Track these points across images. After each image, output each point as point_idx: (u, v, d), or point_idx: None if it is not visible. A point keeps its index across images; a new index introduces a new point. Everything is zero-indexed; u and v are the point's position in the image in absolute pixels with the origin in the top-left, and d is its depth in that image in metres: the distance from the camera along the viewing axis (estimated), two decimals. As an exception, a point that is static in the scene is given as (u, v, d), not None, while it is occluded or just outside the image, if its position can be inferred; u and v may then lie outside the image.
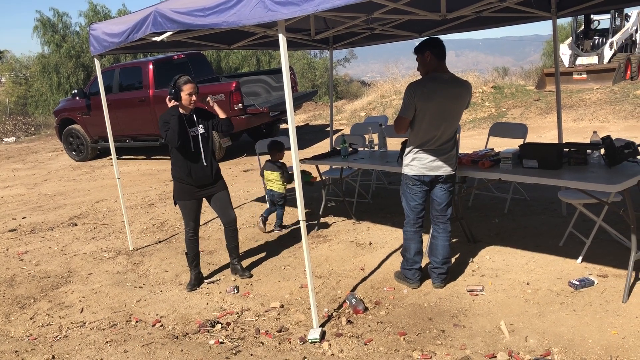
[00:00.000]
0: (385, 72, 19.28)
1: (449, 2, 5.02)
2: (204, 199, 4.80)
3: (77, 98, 12.40)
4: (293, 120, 3.56)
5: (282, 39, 3.43)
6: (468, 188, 5.37)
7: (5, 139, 19.20)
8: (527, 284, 4.16)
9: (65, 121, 12.93)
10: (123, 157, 12.80)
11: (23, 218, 7.94)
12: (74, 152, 13.12)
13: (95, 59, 5.67)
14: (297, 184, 3.63)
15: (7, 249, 6.48)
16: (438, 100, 3.95)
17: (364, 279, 4.58)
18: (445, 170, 4.11)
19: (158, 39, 4.65)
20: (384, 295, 4.27)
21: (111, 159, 12.49)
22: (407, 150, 4.19)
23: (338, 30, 6.07)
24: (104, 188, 9.61)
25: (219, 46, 6.42)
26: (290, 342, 3.71)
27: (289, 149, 4.19)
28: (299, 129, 14.08)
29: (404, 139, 5.25)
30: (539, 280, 4.18)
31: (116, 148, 12.42)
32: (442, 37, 4.39)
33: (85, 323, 4.31)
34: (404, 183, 4.26)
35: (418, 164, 4.10)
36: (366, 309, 4.05)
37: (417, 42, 4.30)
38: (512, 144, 5.72)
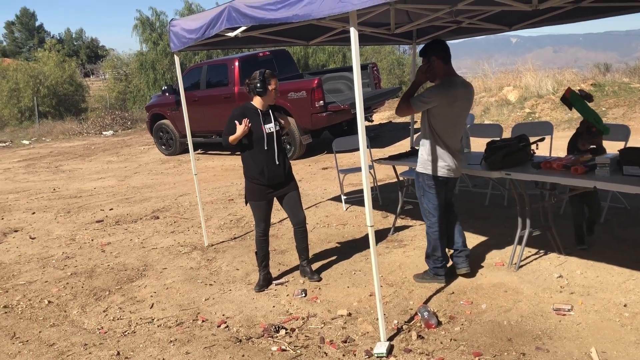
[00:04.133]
0: (475, 68, 18.48)
1: (543, -9, 4.58)
2: (275, 199, 4.69)
3: (167, 94, 12.80)
4: (362, 118, 3.35)
5: (353, 33, 3.23)
6: (559, 194, 4.91)
7: (104, 132, 20.29)
8: (625, 305, 3.70)
9: (156, 116, 13.39)
10: (209, 152, 13.08)
11: (110, 209, 8.24)
12: (163, 147, 13.56)
13: (175, 56, 5.70)
14: (365, 185, 3.40)
15: (92, 240, 6.72)
16: (459, 103, 4.11)
17: (439, 290, 4.28)
18: (459, 172, 4.37)
19: (232, 34, 4.58)
20: (459, 309, 3.96)
21: (198, 153, 12.86)
22: (430, 150, 4.22)
23: (420, 24, 5.76)
24: (189, 182, 9.82)
25: (296, 42, 6.29)
26: (355, 355, 3.50)
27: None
28: (381, 126, 13.78)
29: (489, 140, 4.90)
30: (639, 303, 3.71)
31: (202, 143, 12.84)
32: (538, 31, 4.20)
33: (153, 319, 4.32)
34: (425, 184, 4.30)
35: (444, 165, 4.20)
36: (439, 323, 3.77)
37: (509, 35, 4.22)
38: (611, 148, 5.17)
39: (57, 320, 4.50)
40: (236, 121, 4.45)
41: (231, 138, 4.47)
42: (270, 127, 4.51)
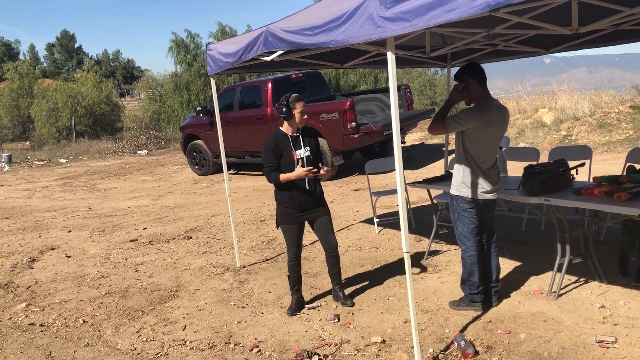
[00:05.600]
0: (509, 89, 18.29)
1: (582, 15, 4.50)
2: (307, 223, 4.67)
3: (201, 115, 12.98)
4: (399, 142, 3.31)
5: (390, 57, 3.21)
6: (599, 221, 4.77)
7: (138, 152, 20.65)
8: (672, 339, 3.55)
9: (190, 137, 13.58)
10: (242, 172, 13.17)
11: (144, 229, 8.34)
12: (196, 166, 13.71)
13: (211, 79, 5.78)
14: (402, 209, 3.35)
15: (126, 259, 6.79)
16: (494, 127, 4.08)
17: (476, 318, 4.18)
18: (497, 194, 4.29)
19: (268, 58, 4.61)
20: (497, 338, 3.85)
21: (231, 173, 12.98)
22: (463, 173, 4.19)
23: (456, 47, 5.73)
24: (221, 202, 9.89)
25: (331, 65, 6.31)
26: (389, 384, 3.43)
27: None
28: (414, 147, 13.71)
29: (527, 164, 4.81)
30: (688, 337, 3.56)
31: (235, 163, 12.95)
32: (573, 53, 4.13)
33: (186, 342, 4.32)
34: (460, 207, 4.25)
35: (478, 187, 4.16)
36: (476, 353, 3.67)
37: (545, 58, 4.19)
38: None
39: (91, 340, 4.54)
40: (302, 168, 4.39)
41: (283, 178, 4.40)
42: (300, 152, 4.49)
